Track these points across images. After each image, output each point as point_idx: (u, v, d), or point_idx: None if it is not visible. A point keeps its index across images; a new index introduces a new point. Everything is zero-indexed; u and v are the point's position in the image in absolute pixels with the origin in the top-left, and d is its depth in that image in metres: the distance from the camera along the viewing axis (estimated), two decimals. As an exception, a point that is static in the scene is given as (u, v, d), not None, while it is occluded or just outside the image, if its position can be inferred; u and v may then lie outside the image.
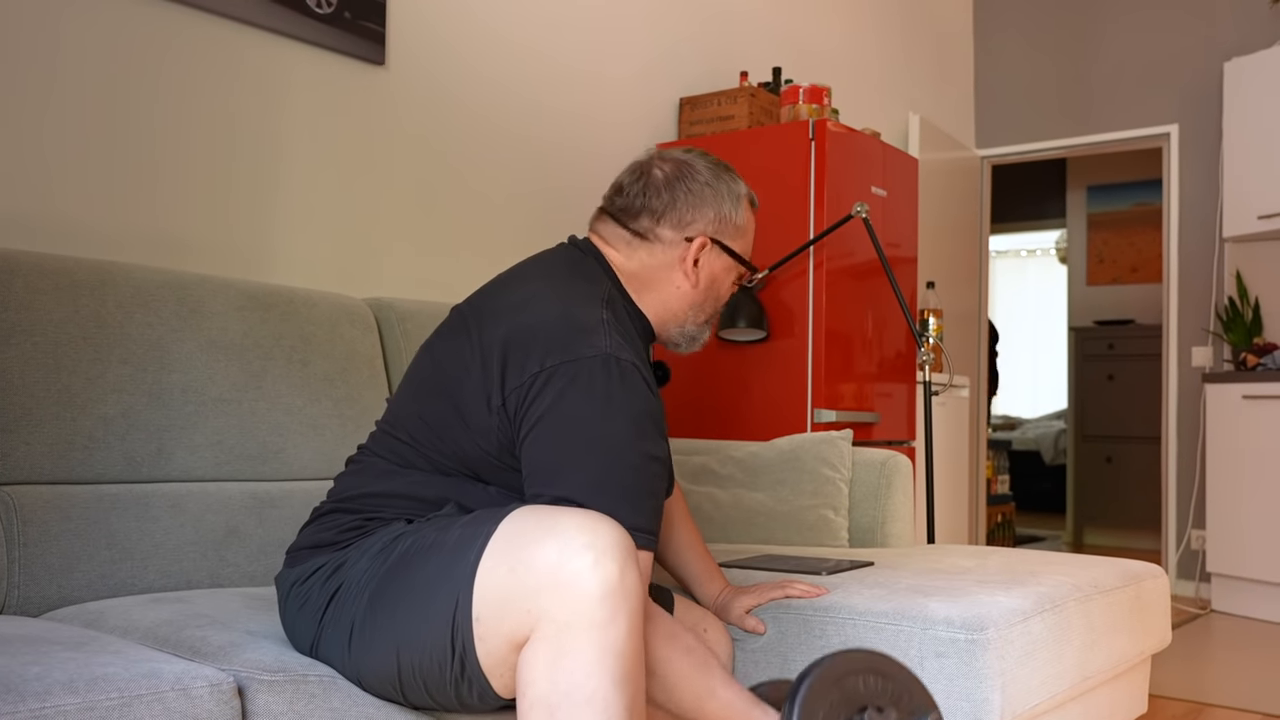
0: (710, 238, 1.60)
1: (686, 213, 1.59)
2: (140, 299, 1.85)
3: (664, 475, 1.43)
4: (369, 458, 1.54)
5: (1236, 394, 4.45)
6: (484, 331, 1.45)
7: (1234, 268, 4.89)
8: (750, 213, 1.68)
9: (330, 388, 2.09)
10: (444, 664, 1.27)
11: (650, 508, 1.38)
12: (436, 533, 1.34)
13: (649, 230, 1.60)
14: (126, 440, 1.79)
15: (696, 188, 1.60)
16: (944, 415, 4.55)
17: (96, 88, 2.16)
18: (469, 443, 1.44)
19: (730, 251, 1.62)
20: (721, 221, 1.61)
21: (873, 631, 1.77)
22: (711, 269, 1.61)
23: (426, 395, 1.50)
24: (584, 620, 1.17)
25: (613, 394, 1.36)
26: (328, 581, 1.41)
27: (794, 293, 3.23)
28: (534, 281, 1.51)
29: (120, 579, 1.74)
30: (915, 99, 5.13)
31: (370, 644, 1.33)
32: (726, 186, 1.63)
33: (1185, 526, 5.03)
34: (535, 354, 1.38)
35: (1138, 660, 2.21)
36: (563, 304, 1.44)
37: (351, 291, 2.61)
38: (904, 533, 2.64)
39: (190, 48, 2.31)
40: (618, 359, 1.38)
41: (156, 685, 1.17)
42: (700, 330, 1.66)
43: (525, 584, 1.20)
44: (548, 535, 1.21)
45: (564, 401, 1.36)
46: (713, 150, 3.43)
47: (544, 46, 3.21)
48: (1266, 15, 4.89)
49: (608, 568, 1.18)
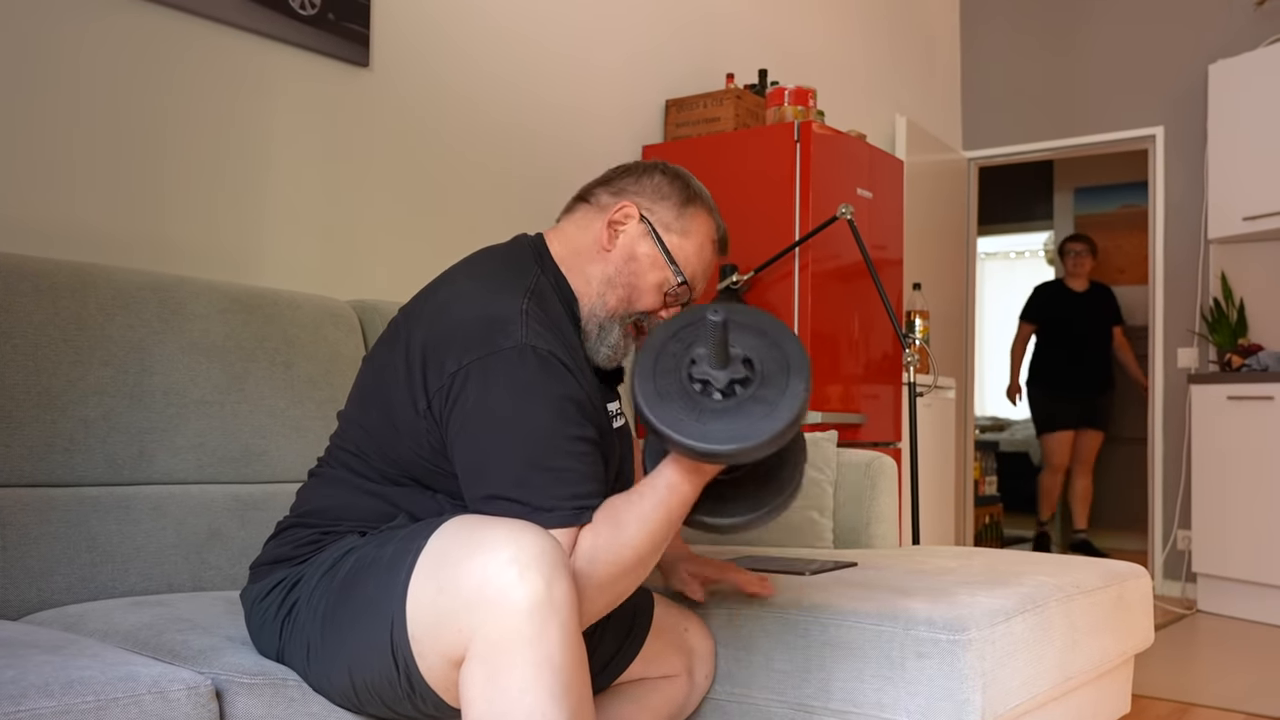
0: (641, 213, 1.55)
1: (630, 184, 1.57)
2: (121, 301, 1.84)
3: (596, 457, 1.40)
4: (325, 470, 1.54)
5: (1221, 395, 4.47)
6: (410, 336, 1.44)
7: (1219, 269, 4.91)
8: (704, 226, 1.58)
9: (314, 390, 2.09)
10: (393, 682, 1.28)
11: (587, 488, 1.36)
12: (376, 548, 1.34)
13: (593, 194, 1.59)
14: (107, 443, 1.78)
15: (650, 173, 1.59)
16: (930, 416, 4.56)
17: (77, 90, 2.16)
18: (406, 450, 1.44)
19: (660, 243, 1.54)
20: (658, 205, 1.56)
21: (855, 632, 1.77)
22: (632, 245, 1.53)
23: (367, 405, 1.50)
24: (514, 636, 1.16)
25: (531, 383, 1.35)
26: (285, 599, 1.41)
27: (780, 294, 3.23)
28: (458, 281, 1.50)
29: (101, 582, 1.73)
30: (901, 101, 5.14)
31: (326, 664, 1.33)
32: (683, 187, 1.58)
33: (1171, 527, 5.05)
34: (453, 354, 1.37)
35: (1120, 660, 2.22)
36: (482, 301, 1.42)
37: (335, 294, 2.60)
38: (889, 534, 2.64)
39: (173, 50, 2.31)
40: (534, 348, 1.36)
41: (133, 688, 1.17)
42: (609, 322, 1.53)
43: (454, 603, 1.19)
44: (473, 551, 1.20)
45: (484, 397, 1.35)
46: (698, 152, 3.43)
47: (529, 49, 3.21)
48: (1251, 18, 4.91)
49: (533, 581, 1.17)
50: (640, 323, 1.57)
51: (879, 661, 1.74)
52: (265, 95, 2.49)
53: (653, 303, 1.56)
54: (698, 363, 1.33)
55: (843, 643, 1.78)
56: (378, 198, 2.76)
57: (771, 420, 1.28)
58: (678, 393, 1.32)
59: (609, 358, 1.54)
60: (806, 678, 1.81)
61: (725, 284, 3.22)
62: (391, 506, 1.46)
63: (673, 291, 1.56)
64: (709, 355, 1.32)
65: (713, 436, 1.27)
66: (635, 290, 1.54)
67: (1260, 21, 4.88)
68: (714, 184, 3.35)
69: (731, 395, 1.31)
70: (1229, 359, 4.65)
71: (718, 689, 1.89)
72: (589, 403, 1.43)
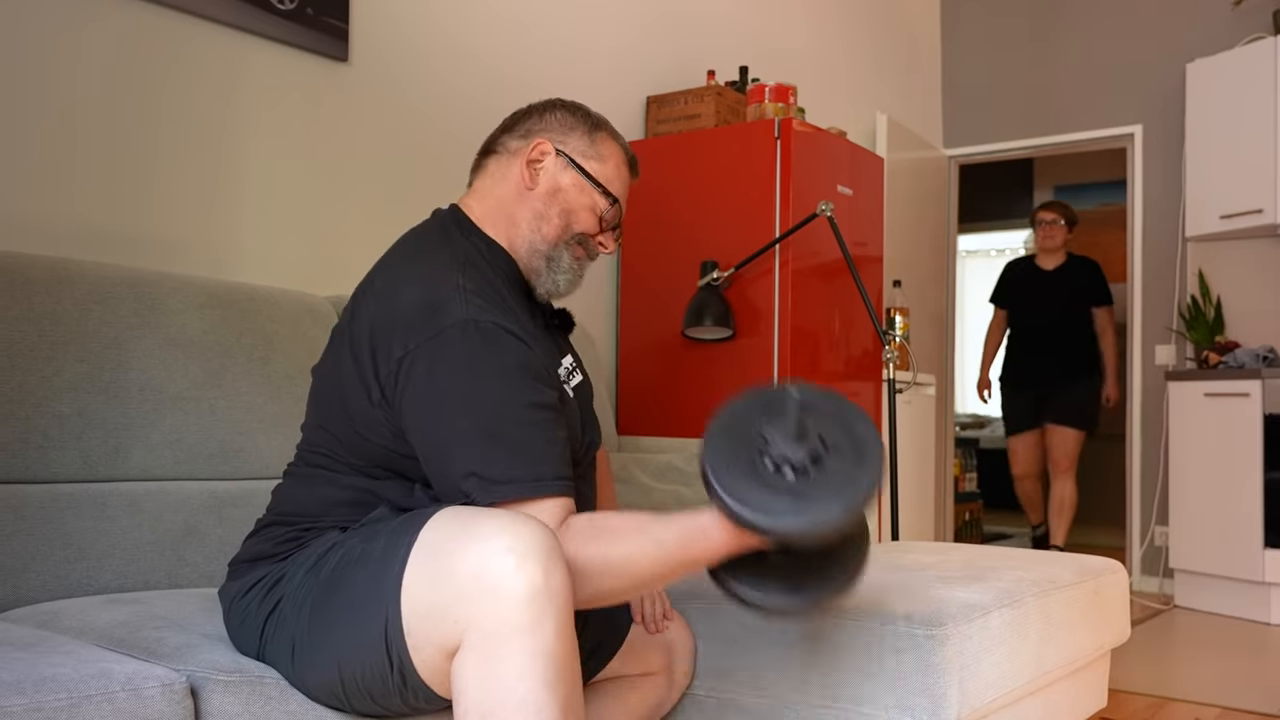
0: (555, 147, 1.56)
1: (535, 124, 1.59)
2: (97, 296, 1.83)
3: (557, 420, 1.40)
4: (300, 468, 1.53)
5: (1199, 391, 4.50)
6: (353, 330, 1.45)
7: (1196, 267, 4.95)
8: (616, 149, 1.60)
9: (292, 386, 2.08)
10: (385, 676, 1.27)
11: (553, 454, 1.36)
12: (364, 543, 1.34)
13: (500, 144, 1.60)
14: (83, 439, 1.77)
15: (551, 110, 1.60)
16: (910, 414, 4.57)
17: (51, 83, 2.14)
18: (368, 443, 1.44)
19: (579, 168, 1.56)
20: (569, 137, 1.57)
21: (833, 627, 1.78)
22: (555, 179, 1.55)
23: (323, 408, 1.50)
24: (511, 625, 1.16)
25: (478, 358, 1.35)
26: (266, 596, 1.41)
27: (760, 291, 3.24)
28: (391, 268, 1.51)
29: (76, 579, 1.72)
30: (882, 99, 5.15)
31: (312, 661, 1.33)
32: (585, 116, 1.60)
33: (1149, 523, 5.09)
34: (398, 339, 1.38)
35: (1097, 655, 2.24)
36: (417, 283, 1.43)
37: (314, 289, 2.59)
38: (868, 530, 2.65)
39: (149, 42, 2.29)
40: (476, 322, 1.36)
41: (107, 685, 1.16)
42: (555, 250, 1.54)
43: (450, 594, 1.19)
44: (468, 541, 1.20)
45: (433, 379, 1.35)
46: (679, 148, 3.43)
47: (509, 44, 3.20)
48: (1228, 17, 4.95)
49: (531, 570, 1.17)
50: (585, 244, 1.58)
51: (857, 657, 1.75)
52: (243, 90, 2.47)
53: (589, 223, 1.57)
54: (769, 437, 1.29)
55: (821, 638, 1.79)
56: (357, 193, 2.75)
57: (804, 515, 1.24)
58: (743, 451, 1.29)
59: (569, 282, 1.56)
60: (785, 673, 1.81)
61: (706, 280, 3.22)
62: (372, 498, 1.45)
63: (606, 213, 1.58)
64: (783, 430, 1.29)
65: (744, 498, 1.24)
66: (569, 214, 1.56)
67: (1237, 21, 4.92)
68: (695, 180, 3.36)
69: (802, 474, 1.27)
70: (1206, 356, 4.69)
71: (697, 685, 1.90)
72: (542, 367, 1.42)
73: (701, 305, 3.22)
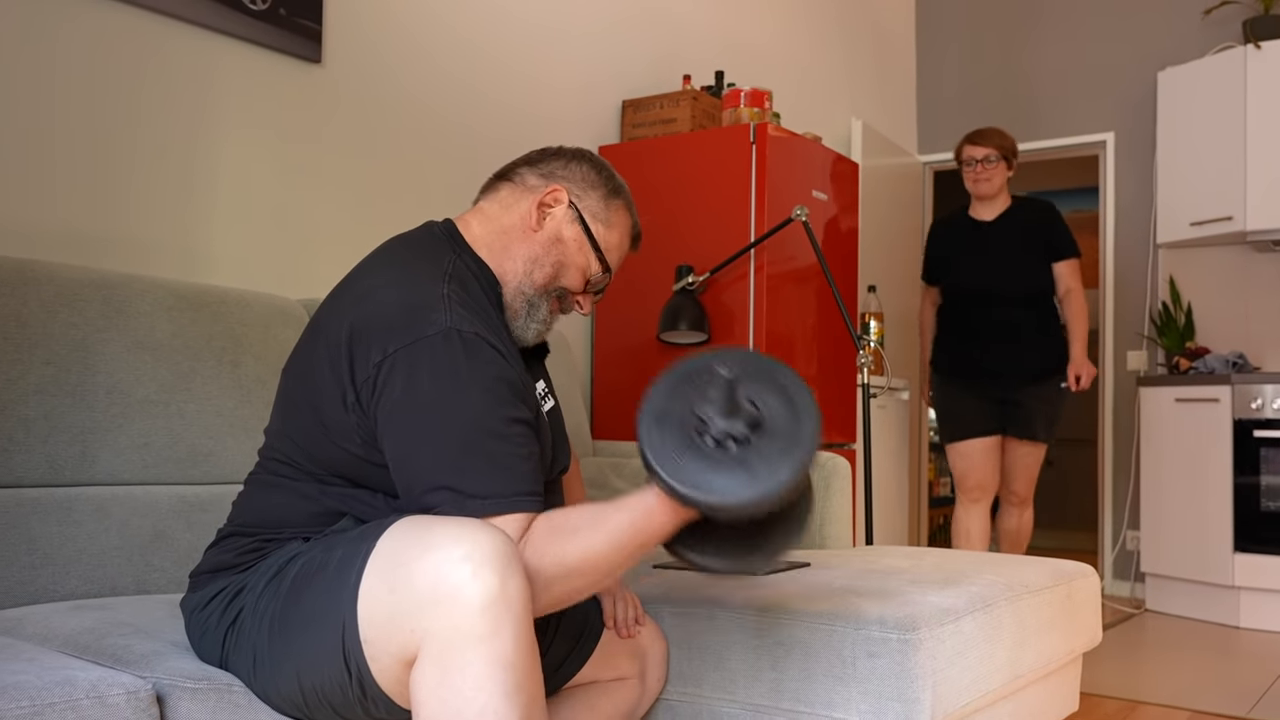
0: (570, 198, 1.56)
1: (559, 168, 1.58)
2: (64, 298, 1.80)
3: (531, 436, 1.39)
4: (262, 476, 1.51)
5: (1170, 397, 4.54)
6: (330, 332, 1.42)
7: (1168, 273, 5.00)
8: (626, 221, 1.61)
9: (262, 389, 2.06)
10: (344, 686, 1.26)
11: (525, 470, 1.35)
12: (323, 552, 1.32)
13: (518, 175, 1.58)
14: (48, 443, 1.74)
15: (578, 161, 1.59)
16: (885, 418, 4.59)
17: (19, 83, 2.11)
18: (336, 450, 1.41)
19: (587, 230, 1.56)
20: (587, 193, 1.57)
21: (807, 631, 1.78)
22: (560, 228, 1.55)
23: (292, 412, 1.47)
24: (467, 634, 1.15)
25: (459, 368, 1.34)
26: (228, 608, 1.39)
27: (735, 295, 3.24)
28: (374, 271, 1.48)
29: (41, 585, 1.69)
30: (858, 105, 5.17)
31: (273, 672, 1.31)
32: (609, 179, 1.60)
33: (1121, 527, 5.12)
34: (377, 343, 1.35)
35: (1068, 659, 2.25)
36: (401, 288, 1.41)
37: (286, 292, 2.57)
38: (842, 534, 2.66)
39: (118, 41, 2.27)
40: (459, 331, 1.35)
41: (70, 693, 1.14)
42: (537, 298, 1.53)
43: (406, 602, 1.18)
44: (425, 550, 1.18)
45: (412, 385, 1.33)
46: (654, 152, 3.43)
47: (485, 46, 3.19)
48: (1198, 26, 5.00)
49: (487, 578, 1.16)
50: (563, 299, 1.58)
51: (830, 661, 1.75)
52: (215, 90, 2.45)
53: (575, 282, 1.57)
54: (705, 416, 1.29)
55: (794, 642, 1.78)
56: (329, 195, 2.73)
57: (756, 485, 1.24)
58: (677, 425, 1.29)
59: (538, 333, 1.56)
60: (758, 678, 1.81)
61: (681, 284, 3.22)
62: (335, 509, 1.44)
63: (595, 279, 1.59)
64: (717, 405, 1.29)
65: (693, 481, 1.24)
66: (561, 268, 1.56)
67: (1207, 30, 4.97)
68: (670, 185, 3.36)
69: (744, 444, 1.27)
70: (1177, 362, 4.73)
71: (670, 689, 1.89)
72: (520, 383, 1.41)
73: (677, 309, 3.21)
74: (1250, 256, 4.85)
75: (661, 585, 1.98)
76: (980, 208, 3.97)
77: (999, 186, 3.90)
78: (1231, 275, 4.88)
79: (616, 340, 3.44)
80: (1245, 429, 4.28)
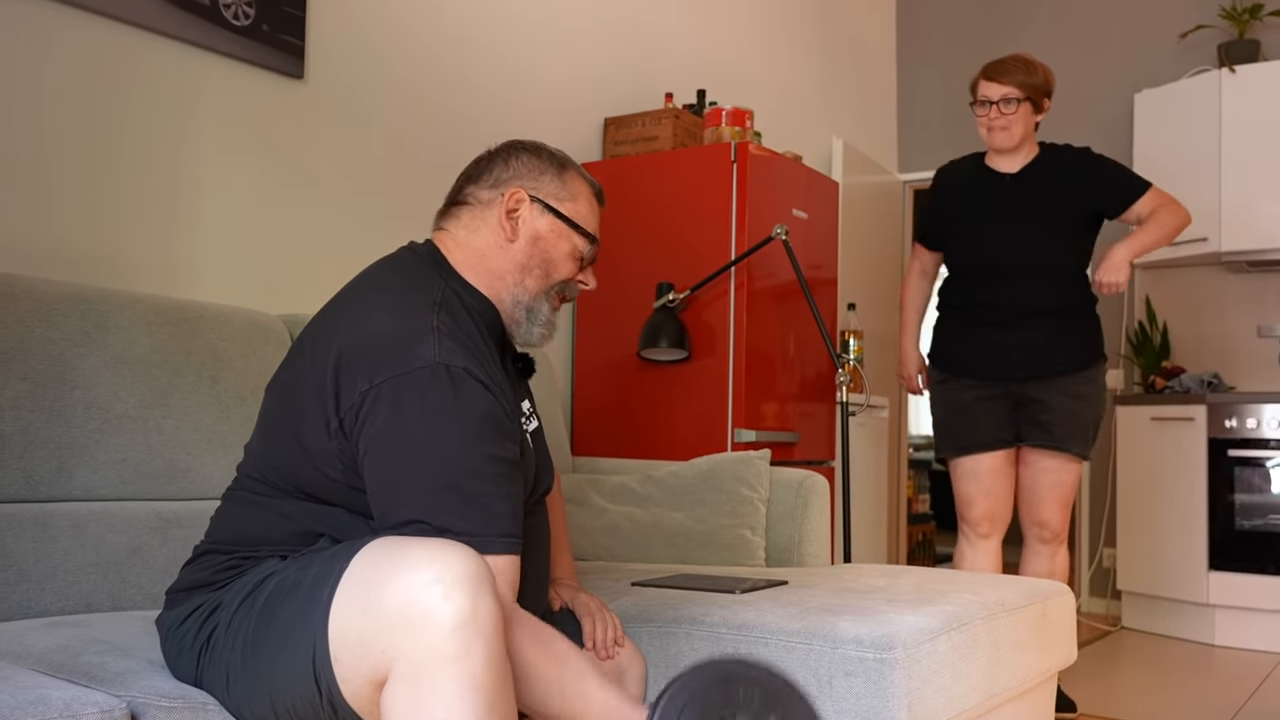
0: (529, 194, 1.56)
1: (502, 173, 1.58)
2: (41, 313, 1.80)
3: (513, 475, 1.40)
4: (240, 492, 1.51)
5: (1146, 415, 4.58)
6: (316, 356, 1.42)
7: (1144, 293, 5.04)
8: (583, 185, 1.61)
9: (242, 405, 2.05)
10: (315, 706, 1.26)
11: (504, 510, 1.36)
12: (298, 571, 1.32)
13: (470, 195, 1.58)
14: (24, 458, 1.74)
15: (516, 155, 1.60)
16: (864, 436, 4.61)
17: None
18: (316, 474, 1.41)
19: (556, 212, 1.57)
20: (540, 181, 1.57)
21: (784, 650, 1.78)
22: (534, 227, 1.55)
23: (271, 434, 1.47)
24: (438, 656, 1.15)
25: (445, 404, 1.34)
26: (202, 626, 1.39)
27: (715, 313, 3.25)
28: (362, 297, 1.48)
29: (15, 602, 1.68)
30: (838, 124, 5.21)
31: (245, 691, 1.31)
32: (550, 156, 1.60)
33: (1098, 545, 5.15)
34: (365, 371, 1.36)
35: (1044, 677, 2.26)
36: (390, 316, 1.41)
37: (267, 307, 2.57)
38: (820, 552, 2.66)
39: (100, 56, 2.27)
40: (448, 367, 1.35)
41: (44, 712, 1.14)
42: (536, 302, 1.56)
43: (377, 623, 1.18)
44: (397, 571, 1.19)
45: (397, 417, 1.33)
46: (636, 170, 3.45)
47: (467, 65, 3.20)
48: (1174, 50, 5.06)
49: (457, 600, 1.16)
50: (563, 292, 1.61)
51: (807, 679, 1.75)
52: (196, 106, 2.45)
53: (569, 270, 1.60)
54: None
55: (771, 661, 1.79)
56: (310, 211, 2.73)
57: None
58: None
59: (543, 335, 1.58)
60: (736, 696, 1.81)
61: (662, 302, 3.23)
62: (313, 529, 1.44)
63: (586, 252, 1.61)
64: None
65: None
66: (550, 265, 1.57)
67: (1183, 54, 5.04)
68: (651, 202, 3.38)
69: None
70: (1153, 381, 4.77)
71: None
72: (506, 419, 1.42)
73: (657, 327, 3.22)
74: (1225, 277, 4.90)
75: (639, 604, 1.98)
76: (1000, 159, 3.12)
77: (1020, 136, 3.03)
78: (1206, 296, 4.93)
79: (597, 357, 3.45)
80: (1220, 448, 4.32)
